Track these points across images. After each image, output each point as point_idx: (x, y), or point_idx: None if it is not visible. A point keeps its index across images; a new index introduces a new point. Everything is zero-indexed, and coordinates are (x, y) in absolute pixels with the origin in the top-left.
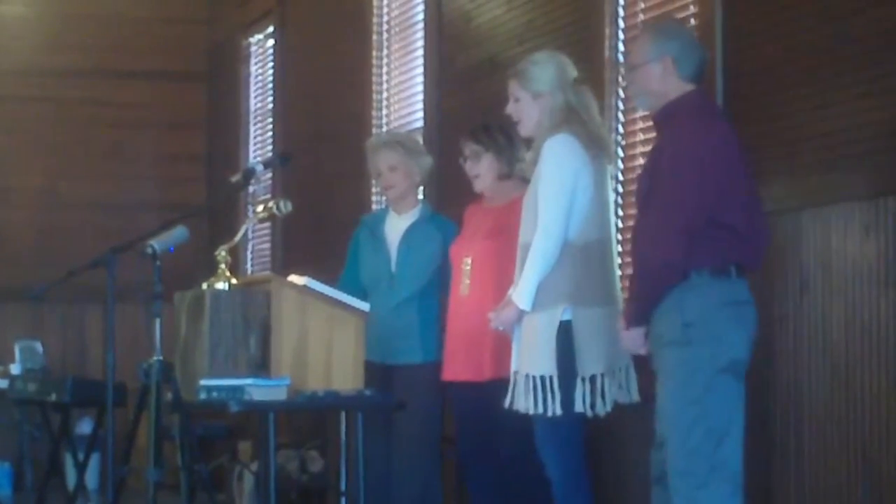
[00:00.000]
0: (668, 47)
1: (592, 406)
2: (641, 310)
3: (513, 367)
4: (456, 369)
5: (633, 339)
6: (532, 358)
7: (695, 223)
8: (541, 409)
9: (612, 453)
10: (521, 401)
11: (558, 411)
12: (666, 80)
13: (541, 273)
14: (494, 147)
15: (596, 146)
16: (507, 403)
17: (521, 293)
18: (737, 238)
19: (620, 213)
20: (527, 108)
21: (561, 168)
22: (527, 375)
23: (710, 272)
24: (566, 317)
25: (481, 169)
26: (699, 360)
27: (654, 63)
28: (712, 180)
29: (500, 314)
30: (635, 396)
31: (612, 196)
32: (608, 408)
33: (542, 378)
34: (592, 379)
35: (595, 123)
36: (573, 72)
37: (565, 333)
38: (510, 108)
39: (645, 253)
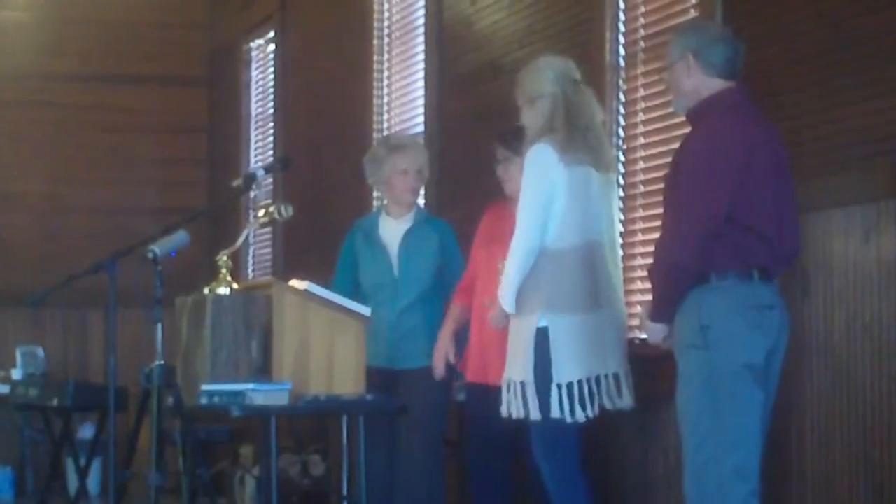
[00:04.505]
0: (688, 43)
1: (571, 412)
2: (658, 308)
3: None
4: (482, 371)
5: (653, 333)
6: (513, 364)
7: (713, 224)
8: (522, 414)
9: (611, 456)
10: (505, 406)
11: (537, 416)
12: (692, 77)
13: (517, 277)
14: (523, 153)
15: (581, 152)
16: (502, 410)
17: (503, 297)
18: (762, 242)
19: (622, 216)
20: (527, 114)
21: (534, 176)
22: (510, 381)
23: (732, 275)
24: (542, 323)
25: (512, 174)
26: (716, 364)
27: (679, 62)
28: (737, 181)
29: (493, 315)
30: (627, 403)
31: (603, 201)
32: (590, 413)
33: (519, 383)
34: (570, 385)
35: (589, 128)
36: (574, 73)
37: (542, 340)
38: (522, 118)
39: (659, 252)
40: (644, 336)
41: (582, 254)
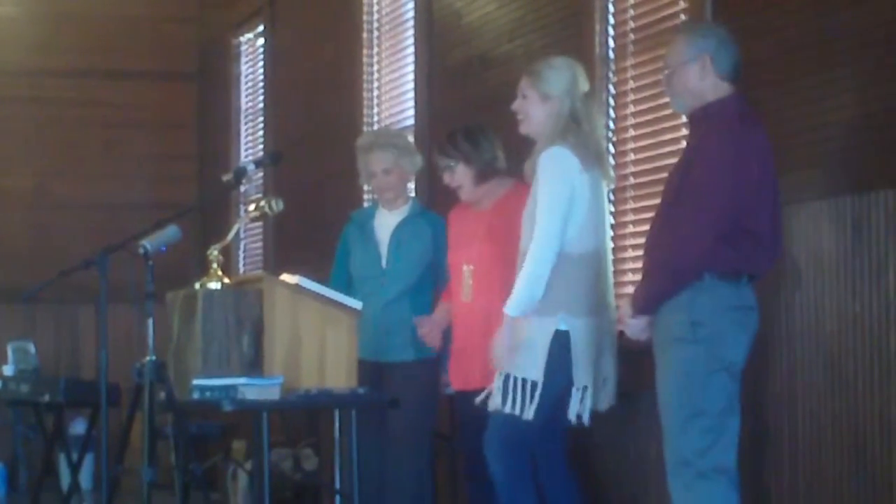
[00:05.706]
0: (706, 45)
1: (580, 416)
2: (650, 303)
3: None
4: (464, 378)
5: (636, 327)
6: (520, 361)
7: (719, 230)
8: (516, 412)
9: (607, 452)
10: (497, 399)
11: (531, 416)
12: (704, 79)
13: (532, 281)
14: (462, 157)
15: (592, 159)
16: (478, 400)
17: (519, 302)
18: (758, 246)
19: (612, 220)
20: (533, 107)
21: (556, 179)
22: (509, 376)
23: (721, 276)
24: (562, 326)
25: (459, 180)
26: (702, 358)
27: (692, 62)
28: (743, 187)
29: (496, 347)
30: (608, 404)
31: (607, 209)
32: (588, 417)
33: (525, 381)
34: (584, 389)
35: (595, 138)
36: (585, 84)
37: (560, 343)
38: (516, 105)
39: (665, 251)
40: (622, 329)
41: (596, 258)
